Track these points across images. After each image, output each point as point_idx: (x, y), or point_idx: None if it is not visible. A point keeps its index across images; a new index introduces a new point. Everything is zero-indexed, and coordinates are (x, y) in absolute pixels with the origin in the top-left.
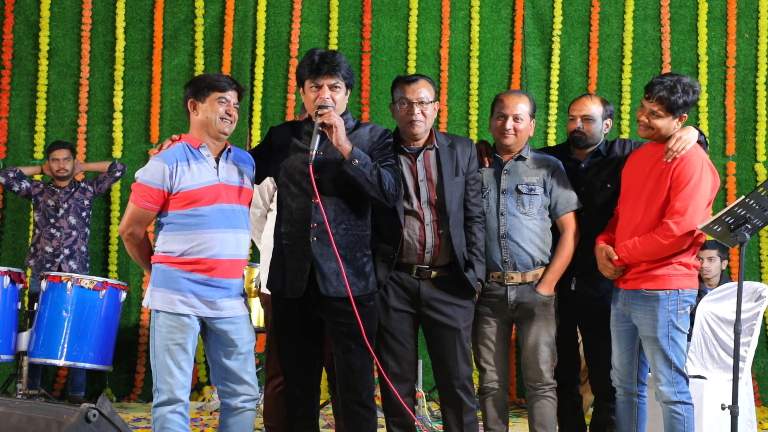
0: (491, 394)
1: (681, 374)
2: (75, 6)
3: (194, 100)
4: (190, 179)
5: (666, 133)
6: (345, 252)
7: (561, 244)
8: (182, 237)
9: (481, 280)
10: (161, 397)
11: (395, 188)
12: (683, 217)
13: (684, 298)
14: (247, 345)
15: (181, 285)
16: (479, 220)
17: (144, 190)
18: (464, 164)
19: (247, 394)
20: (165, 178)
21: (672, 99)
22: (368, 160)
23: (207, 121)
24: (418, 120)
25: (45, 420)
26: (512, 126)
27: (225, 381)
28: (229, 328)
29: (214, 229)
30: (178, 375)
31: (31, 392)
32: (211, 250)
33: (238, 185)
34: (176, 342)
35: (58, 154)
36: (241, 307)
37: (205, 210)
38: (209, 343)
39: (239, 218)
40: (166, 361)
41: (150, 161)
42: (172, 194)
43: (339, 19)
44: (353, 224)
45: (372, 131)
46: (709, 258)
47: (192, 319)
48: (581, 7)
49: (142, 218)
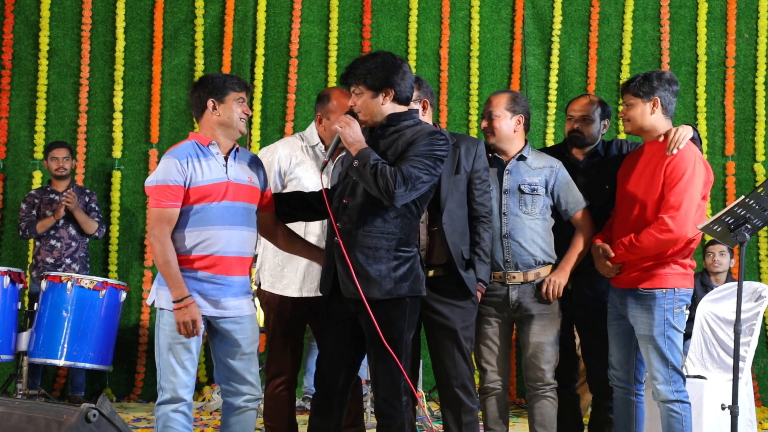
0: (492, 394)
1: (678, 373)
2: (75, 6)
3: (214, 100)
4: (201, 175)
5: (643, 121)
6: (370, 252)
7: (576, 236)
8: (187, 233)
9: (482, 281)
10: (164, 395)
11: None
12: (678, 212)
13: (680, 297)
14: (252, 345)
15: (187, 284)
16: (485, 219)
17: (163, 190)
18: (467, 163)
19: (249, 393)
20: (179, 172)
21: (632, 84)
22: (369, 160)
23: (228, 122)
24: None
25: (45, 420)
26: (487, 124)
27: (228, 380)
28: (233, 328)
29: (219, 225)
30: (182, 374)
31: (31, 392)
32: (215, 246)
33: (246, 183)
34: (180, 341)
35: (57, 153)
36: (246, 307)
37: (212, 206)
38: (214, 342)
39: (246, 216)
40: (169, 359)
41: (161, 161)
42: (186, 189)
43: (339, 19)
44: (380, 227)
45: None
46: (721, 252)
47: None
48: (581, 7)
49: (169, 219)
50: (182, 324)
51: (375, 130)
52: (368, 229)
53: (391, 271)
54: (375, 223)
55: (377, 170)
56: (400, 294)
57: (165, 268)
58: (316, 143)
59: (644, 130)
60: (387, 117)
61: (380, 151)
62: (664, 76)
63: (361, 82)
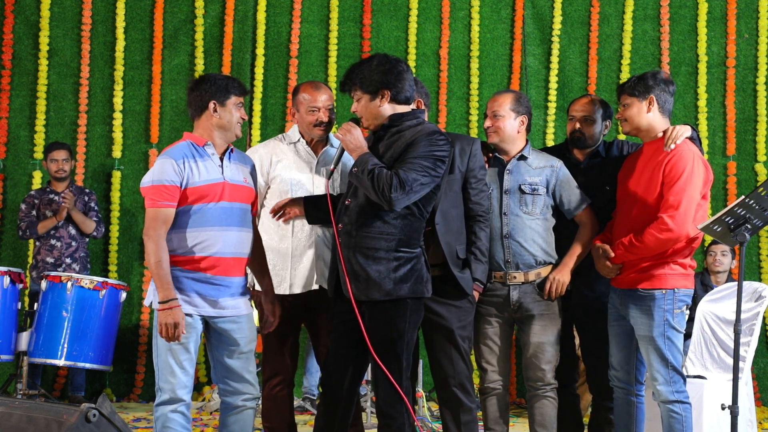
0: (492, 394)
1: (678, 373)
2: (75, 6)
3: (216, 102)
4: (198, 176)
5: (640, 120)
6: (369, 253)
7: (580, 233)
8: (184, 235)
9: (479, 280)
10: (163, 396)
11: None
12: (677, 211)
13: (680, 297)
14: (249, 344)
15: (184, 284)
16: (481, 219)
17: (158, 190)
18: (461, 162)
19: (248, 393)
20: (176, 172)
21: (627, 85)
22: (367, 165)
23: (227, 125)
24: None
25: (45, 420)
26: (491, 124)
27: (226, 380)
28: (231, 327)
29: (216, 226)
30: (180, 374)
31: (31, 392)
32: (212, 248)
33: (241, 184)
34: (178, 342)
35: (57, 155)
36: (244, 306)
37: (208, 207)
38: (212, 341)
39: (242, 217)
40: (168, 360)
41: (156, 161)
42: (182, 190)
43: (339, 19)
44: (379, 227)
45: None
46: (723, 252)
47: (194, 318)
48: (581, 7)
49: (165, 219)
50: (164, 325)
51: (377, 132)
52: (367, 230)
53: (390, 272)
54: (374, 224)
55: (374, 175)
56: (400, 295)
57: (156, 268)
58: (297, 139)
59: (641, 130)
60: (388, 118)
61: (381, 153)
62: (659, 75)
63: (358, 86)
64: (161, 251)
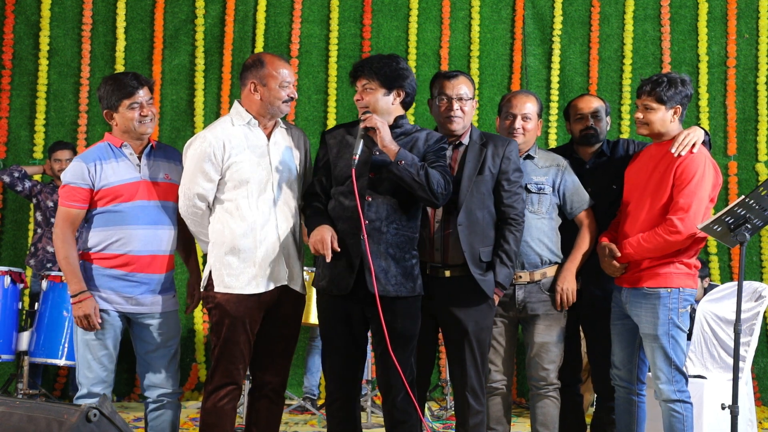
0: (496, 393)
1: (680, 373)
2: (75, 6)
3: (109, 112)
4: (112, 176)
5: (662, 127)
6: (395, 251)
7: (580, 236)
8: (101, 233)
9: (501, 285)
10: (81, 390)
11: (445, 187)
12: (687, 214)
13: (685, 296)
14: (170, 341)
15: (100, 281)
16: (513, 222)
17: (69, 191)
18: (493, 163)
19: (166, 388)
20: (85, 176)
21: (659, 89)
22: (416, 161)
23: (126, 128)
24: (457, 116)
25: (46, 420)
26: (521, 125)
27: (146, 374)
28: (150, 323)
29: (132, 225)
30: (98, 369)
31: (32, 392)
32: (128, 246)
33: (161, 181)
34: (95, 337)
35: (61, 154)
36: (168, 303)
37: (124, 206)
38: (134, 336)
39: (161, 214)
40: (85, 355)
41: (72, 162)
42: (95, 192)
43: (339, 19)
44: (404, 225)
45: (428, 136)
46: None
47: (111, 315)
48: (581, 7)
49: (74, 219)
50: (78, 318)
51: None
52: (397, 227)
53: (413, 268)
54: (402, 222)
55: (427, 172)
56: (418, 292)
57: (64, 264)
58: (248, 120)
59: (659, 135)
60: (395, 119)
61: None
62: (687, 82)
63: (375, 77)
64: (69, 248)
